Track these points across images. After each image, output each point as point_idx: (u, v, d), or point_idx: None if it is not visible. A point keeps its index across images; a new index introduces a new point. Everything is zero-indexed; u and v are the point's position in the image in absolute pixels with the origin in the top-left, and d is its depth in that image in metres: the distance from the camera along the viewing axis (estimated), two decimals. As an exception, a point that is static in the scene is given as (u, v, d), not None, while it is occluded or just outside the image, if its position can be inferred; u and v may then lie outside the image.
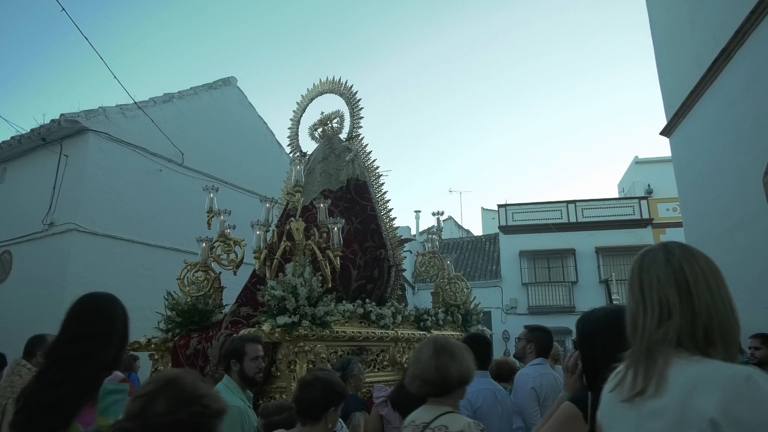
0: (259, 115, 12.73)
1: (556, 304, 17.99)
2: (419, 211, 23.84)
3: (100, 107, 9.04)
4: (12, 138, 9.35)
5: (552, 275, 18.84)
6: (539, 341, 3.54)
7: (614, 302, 16.42)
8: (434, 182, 62.57)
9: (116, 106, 9.30)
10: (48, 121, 8.77)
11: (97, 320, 1.84)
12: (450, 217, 27.10)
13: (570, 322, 15.91)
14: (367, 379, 3.74)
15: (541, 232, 18.74)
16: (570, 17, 57.76)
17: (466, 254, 21.39)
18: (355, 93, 5.96)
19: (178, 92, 10.67)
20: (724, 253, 7.20)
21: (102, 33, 50.28)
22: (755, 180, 6.26)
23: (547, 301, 18.31)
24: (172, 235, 9.65)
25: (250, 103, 12.57)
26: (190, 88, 11.04)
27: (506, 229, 19.52)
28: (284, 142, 7.95)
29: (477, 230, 27.02)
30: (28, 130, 9.12)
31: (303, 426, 2.17)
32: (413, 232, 20.22)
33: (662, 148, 36.74)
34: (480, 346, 3.12)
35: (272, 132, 13.04)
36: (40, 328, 7.62)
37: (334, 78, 6.19)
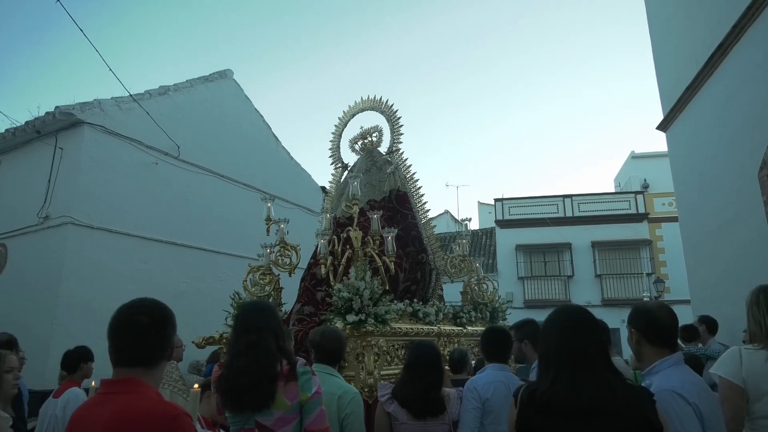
0: (255, 108, 12.62)
1: (552, 298, 18.07)
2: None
3: (95, 99, 8.94)
4: (6, 130, 9.25)
5: (548, 269, 18.94)
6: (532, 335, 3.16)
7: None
8: (431, 176, 62.65)
9: (112, 98, 9.20)
10: (43, 114, 8.68)
11: (250, 318, 2.28)
12: (446, 211, 27.15)
13: (566, 316, 16.00)
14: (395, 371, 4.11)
15: (538, 226, 18.80)
16: (567, 10, 57.68)
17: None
18: (396, 111, 6.50)
19: (174, 85, 10.56)
20: (719, 248, 7.23)
21: (98, 25, 49.97)
22: (751, 175, 6.27)
23: (543, 295, 18.40)
24: (168, 228, 9.62)
25: (246, 96, 12.45)
26: (186, 80, 10.92)
27: (503, 223, 19.58)
28: (281, 135, 7.94)
29: (473, 224, 27.04)
30: (23, 123, 9.02)
31: None
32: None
33: (659, 142, 36.81)
34: (498, 338, 3.21)
35: (268, 125, 12.94)
36: (35, 322, 7.65)
37: (375, 97, 6.71)
